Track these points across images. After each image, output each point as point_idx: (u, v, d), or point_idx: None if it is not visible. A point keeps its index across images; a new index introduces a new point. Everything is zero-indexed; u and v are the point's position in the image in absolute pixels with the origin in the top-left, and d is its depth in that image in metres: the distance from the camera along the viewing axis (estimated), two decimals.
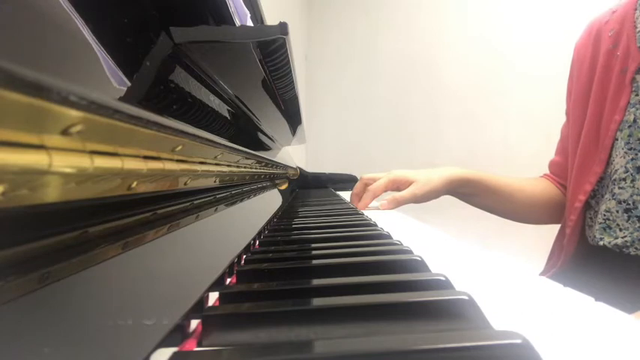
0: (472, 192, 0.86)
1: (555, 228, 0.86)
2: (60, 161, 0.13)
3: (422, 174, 0.82)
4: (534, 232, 2.01)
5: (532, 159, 1.23)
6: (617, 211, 0.67)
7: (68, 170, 0.14)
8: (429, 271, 0.28)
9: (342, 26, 2.31)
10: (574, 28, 0.81)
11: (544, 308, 0.23)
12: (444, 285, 0.23)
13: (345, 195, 1.00)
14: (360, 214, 0.62)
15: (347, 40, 2.31)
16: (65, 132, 0.13)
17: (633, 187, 0.65)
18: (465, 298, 0.20)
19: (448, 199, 0.90)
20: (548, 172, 0.92)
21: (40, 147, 0.12)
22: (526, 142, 2.05)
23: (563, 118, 0.87)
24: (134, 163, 0.19)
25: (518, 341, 0.15)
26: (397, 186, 0.83)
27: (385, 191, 0.83)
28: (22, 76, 0.10)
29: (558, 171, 0.88)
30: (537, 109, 2.03)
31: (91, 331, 0.14)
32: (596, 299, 0.23)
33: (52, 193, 0.14)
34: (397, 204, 0.79)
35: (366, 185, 0.84)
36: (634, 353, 0.17)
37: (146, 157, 0.20)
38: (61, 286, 0.14)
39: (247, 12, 0.37)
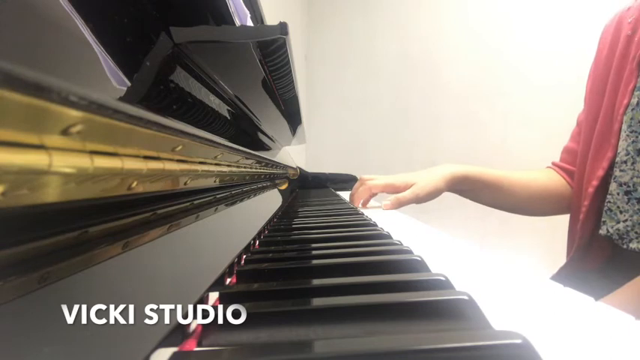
0: (472, 188, 0.86)
1: (555, 228, 0.85)
2: (60, 161, 0.13)
3: (422, 175, 0.82)
4: (534, 232, 2.01)
5: (532, 159, 1.23)
6: (618, 194, 0.66)
7: (68, 170, 0.14)
8: (429, 271, 0.28)
9: (342, 26, 2.31)
10: (574, 29, 0.81)
11: (544, 308, 0.23)
12: (444, 285, 0.23)
13: (345, 195, 1.00)
14: (360, 214, 0.62)
15: (347, 40, 2.31)
16: (65, 132, 0.13)
17: (633, 169, 0.64)
18: (465, 298, 0.20)
19: (448, 199, 0.90)
20: (553, 165, 0.91)
21: (40, 147, 0.12)
22: (526, 142, 2.06)
23: (562, 119, 0.87)
24: (134, 163, 0.19)
25: (519, 341, 0.15)
26: (395, 190, 0.83)
27: (382, 192, 0.84)
28: (22, 76, 0.10)
29: (570, 158, 0.86)
30: (537, 110, 2.03)
31: (91, 330, 0.14)
32: (596, 299, 0.23)
33: (52, 193, 0.14)
34: (399, 204, 0.79)
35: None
36: (634, 353, 0.17)
37: (146, 157, 0.20)
38: (61, 286, 0.14)
39: (247, 12, 0.37)
